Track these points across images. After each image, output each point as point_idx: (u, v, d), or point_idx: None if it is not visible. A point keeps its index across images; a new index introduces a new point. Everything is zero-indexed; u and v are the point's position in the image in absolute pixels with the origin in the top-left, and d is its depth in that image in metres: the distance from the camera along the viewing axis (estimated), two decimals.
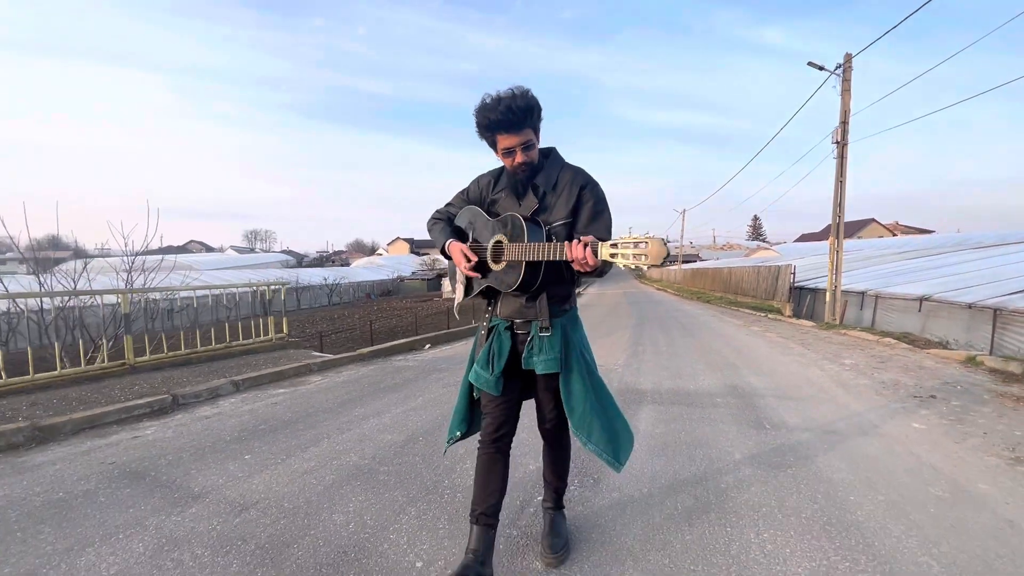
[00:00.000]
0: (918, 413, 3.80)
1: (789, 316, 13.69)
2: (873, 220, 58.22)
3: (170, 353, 5.69)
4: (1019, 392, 4.24)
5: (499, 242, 1.75)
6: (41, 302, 5.12)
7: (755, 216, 71.98)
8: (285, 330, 7.26)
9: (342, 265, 50.84)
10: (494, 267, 1.76)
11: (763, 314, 14.14)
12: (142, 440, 3.49)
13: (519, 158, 1.69)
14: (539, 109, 1.68)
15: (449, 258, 1.91)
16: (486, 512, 1.76)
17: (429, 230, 1.98)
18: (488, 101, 1.63)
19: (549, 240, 1.65)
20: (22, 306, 5.16)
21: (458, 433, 1.94)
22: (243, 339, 6.59)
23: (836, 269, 12.40)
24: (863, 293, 13.02)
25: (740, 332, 9.48)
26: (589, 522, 2.21)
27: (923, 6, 9.42)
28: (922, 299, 10.98)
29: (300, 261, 58.51)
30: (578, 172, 1.76)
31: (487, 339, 1.83)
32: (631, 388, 4.70)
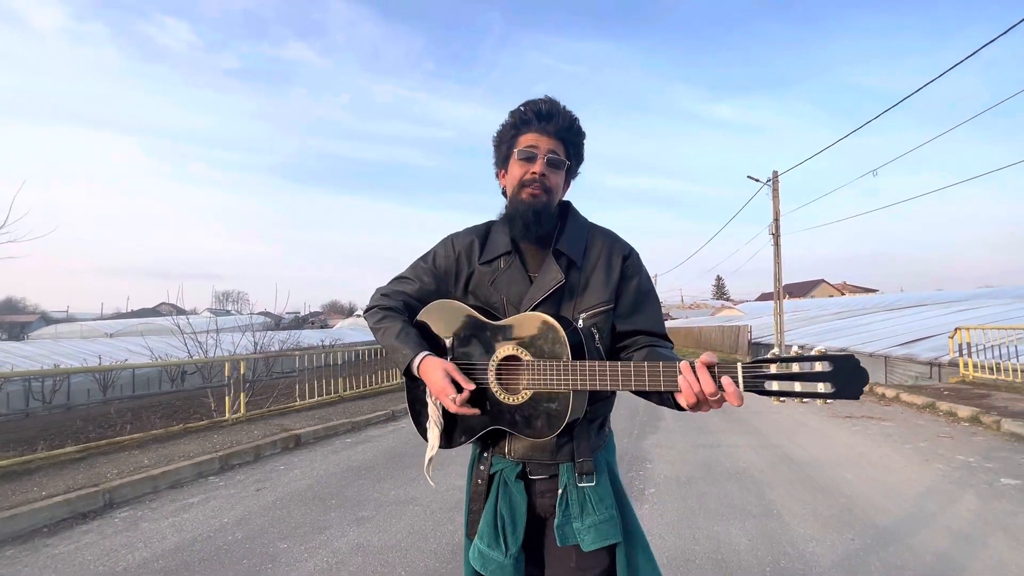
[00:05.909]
0: (800, 406, 7.37)
1: None
2: (823, 281, 64.81)
3: (358, 390, 8.83)
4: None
5: (512, 357, 1.08)
6: (258, 361, 8.21)
7: (718, 276, 78.69)
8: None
9: (322, 327, 50.12)
10: (505, 399, 1.08)
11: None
12: (408, 428, 6.63)
13: (538, 167, 1.13)
14: (583, 143, 1.22)
15: (415, 380, 1.15)
16: None
17: (375, 330, 1.21)
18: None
19: (590, 338, 1.09)
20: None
21: None
22: (379, 383, 9.78)
23: (779, 330, 16.34)
24: (802, 347, 17.04)
25: None
26: (653, 444, 5.56)
27: (846, 136, 14.00)
28: (841, 351, 14.96)
29: (278, 323, 55.68)
30: (615, 238, 1.23)
31: (487, 495, 1.15)
32: (651, 409, 8.10)
